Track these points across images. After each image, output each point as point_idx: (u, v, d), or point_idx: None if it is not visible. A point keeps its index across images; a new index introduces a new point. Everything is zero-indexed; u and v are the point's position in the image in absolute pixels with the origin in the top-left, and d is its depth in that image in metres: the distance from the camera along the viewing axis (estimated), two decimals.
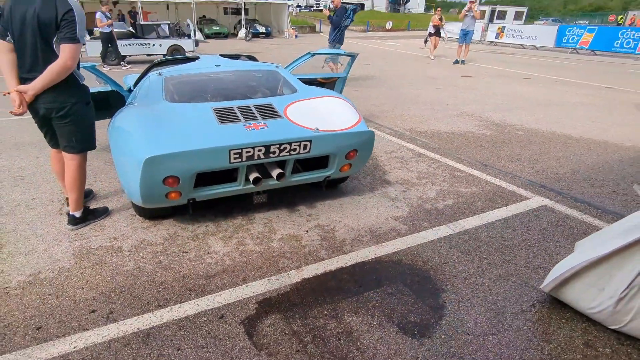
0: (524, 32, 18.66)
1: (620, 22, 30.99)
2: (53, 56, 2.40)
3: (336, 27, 7.97)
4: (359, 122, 2.81)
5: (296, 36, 24.21)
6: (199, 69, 3.49)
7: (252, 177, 2.52)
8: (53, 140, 2.76)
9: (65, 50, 2.34)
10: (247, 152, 2.39)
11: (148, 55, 11.83)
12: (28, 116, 2.64)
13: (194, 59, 4.03)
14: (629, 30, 14.67)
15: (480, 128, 5.35)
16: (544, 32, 17.76)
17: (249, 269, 2.36)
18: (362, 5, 45.08)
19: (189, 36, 12.39)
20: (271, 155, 2.48)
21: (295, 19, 29.37)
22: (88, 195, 3.19)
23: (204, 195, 2.59)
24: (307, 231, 2.76)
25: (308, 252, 2.52)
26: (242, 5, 22.46)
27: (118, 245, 2.57)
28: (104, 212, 2.96)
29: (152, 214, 2.83)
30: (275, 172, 2.57)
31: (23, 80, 2.45)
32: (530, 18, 45.64)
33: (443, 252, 2.50)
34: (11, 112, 2.42)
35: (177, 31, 13.45)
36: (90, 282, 2.23)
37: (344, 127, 2.71)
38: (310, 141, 2.52)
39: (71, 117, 2.54)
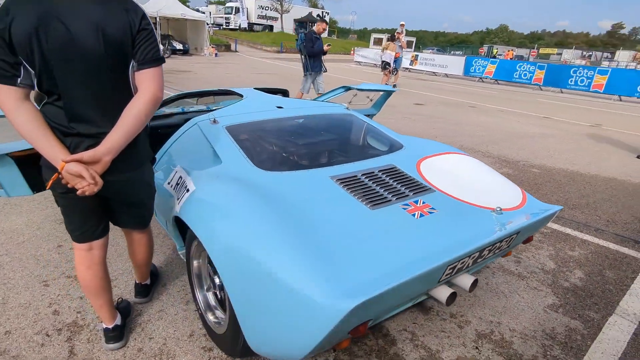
0: (435, 60, 19.91)
1: (495, 54, 35.39)
2: (125, 91, 1.42)
3: (323, 54, 6.89)
4: (525, 195, 2.08)
5: (216, 54, 22.61)
6: (260, 112, 2.42)
7: (444, 294, 1.61)
8: (101, 226, 1.64)
9: (151, 78, 1.41)
10: (461, 263, 1.50)
11: None
12: None
13: (223, 93, 2.92)
14: (525, 64, 16.46)
15: (497, 166, 5.01)
16: (454, 62, 19.13)
17: None
18: (271, 27, 44.77)
19: None
20: (478, 261, 1.62)
21: (212, 37, 27.56)
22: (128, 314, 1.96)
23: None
24: (477, 347, 1.93)
25: None
26: (157, 19, 20.18)
27: None
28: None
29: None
30: (467, 281, 1.70)
31: (66, 139, 1.39)
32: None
33: None
34: (81, 193, 1.35)
35: None
36: None
37: (519, 204, 1.96)
38: (518, 233, 1.71)
39: (147, 182, 1.66)
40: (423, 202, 1.80)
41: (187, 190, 1.71)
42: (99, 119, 1.39)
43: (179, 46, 21.24)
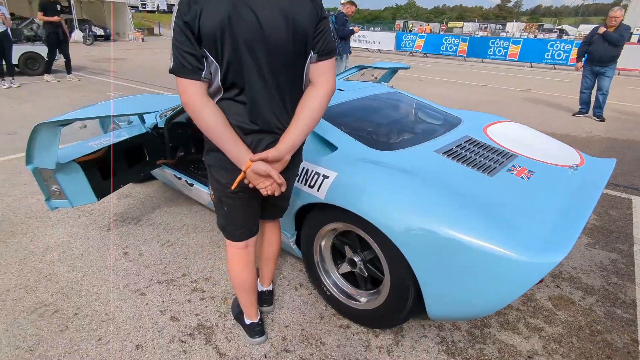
0: (368, 37, 20.32)
1: (410, 29, 36.95)
2: (299, 84, 1.33)
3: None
4: (578, 151, 2.36)
5: (143, 39, 20.77)
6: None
7: None
8: (257, 222, 1.58)
9: (329, 70, 1.31)
10: None
11: None
12: None
13: None
14: (451, 37, 17.53)
15: None
16: (385, 38, 19.72)
17: None
18: None
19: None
20: None
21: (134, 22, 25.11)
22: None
23: None
24: (558, 286, 2.21)
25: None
26: (70, 2, 17.85)
27: None
28: None
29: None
30: None
31: (246, 138, 1.30)
32: None
33: None
34: (267, 193, 1.30)
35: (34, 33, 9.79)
36: None
37: (581, 160, 2.22)
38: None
39: (297, 174, 1.67)
40: (519, 166, 1.97)
41: (326, 177, 1.69)
42: (278, 114, 1.30)
43: (100, 32, 19.10)
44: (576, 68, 6.73)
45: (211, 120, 1.19)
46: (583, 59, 6.52)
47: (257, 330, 1.72)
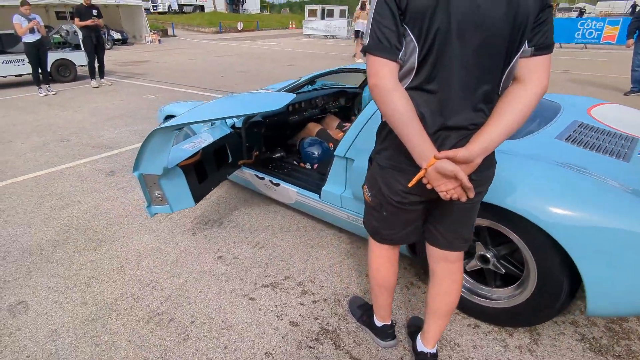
0: None
1: None
2: (499, 78, 1.08)
3: None
4: None
5: (159, 41, 20.89)
6: None
7: None
8: (417, 231, 1.38)
9: (546, 67, 1.06)
10: None
11: (18, 75, 8.30)
12: None
13: (351, 70, 2.74)
14: None
15: None
16: None
17: None
18: (202, 7, 42.03)
19: (76, 46, 9.15)
20: None
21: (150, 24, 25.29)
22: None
23: None
24: None
25: None
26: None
27: None
28: None
29: None
30: None
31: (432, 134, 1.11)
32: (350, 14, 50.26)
33: None
34: (448, 197, 1.08)
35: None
36: None
37: None
38: None
39: (491, 179, 1.25)
40: None
41: None
42: (473, 110, 1.09)
43: (117, 35, 19.27)
44: (627, 45, 6.45)
45: (401, 107, 1.04)
46: (634, 36, 6.24)
47: (389, 333, 1.65)
